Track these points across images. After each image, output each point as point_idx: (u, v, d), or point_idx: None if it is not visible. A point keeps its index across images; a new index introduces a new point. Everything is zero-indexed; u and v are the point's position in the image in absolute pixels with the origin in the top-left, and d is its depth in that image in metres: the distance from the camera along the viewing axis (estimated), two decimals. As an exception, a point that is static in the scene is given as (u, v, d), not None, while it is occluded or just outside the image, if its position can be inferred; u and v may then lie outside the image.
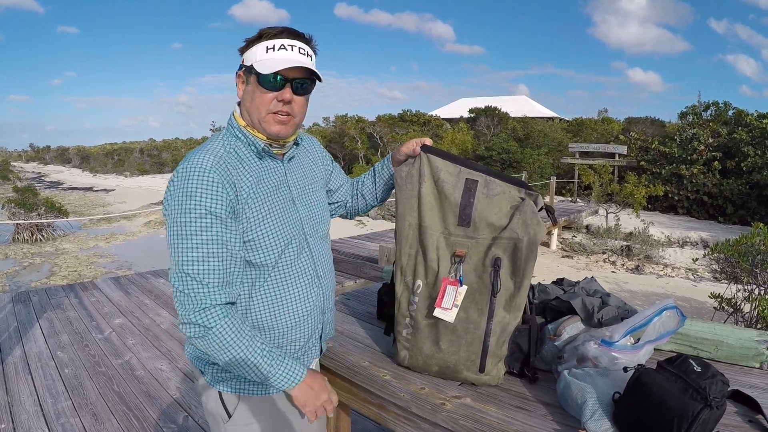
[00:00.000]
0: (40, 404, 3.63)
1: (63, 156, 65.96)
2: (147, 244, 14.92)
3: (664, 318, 1.57)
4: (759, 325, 5.85)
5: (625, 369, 1.36)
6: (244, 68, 1.48)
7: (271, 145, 1.51)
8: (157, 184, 33.28)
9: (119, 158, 50.06)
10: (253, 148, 1.49)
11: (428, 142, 1.70)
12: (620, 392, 1.35)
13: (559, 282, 2.02)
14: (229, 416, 1.54)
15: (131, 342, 4.84)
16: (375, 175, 1.90)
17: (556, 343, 1.70)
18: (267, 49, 1.43)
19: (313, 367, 1.68)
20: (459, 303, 1.60)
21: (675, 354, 1.39)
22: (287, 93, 1.44)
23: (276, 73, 1.41)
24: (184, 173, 1.35)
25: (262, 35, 1.44)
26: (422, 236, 1.65)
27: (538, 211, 1.57)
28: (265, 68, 1.41)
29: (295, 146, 1.60)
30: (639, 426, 1.27)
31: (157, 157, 46.20)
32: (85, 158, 57.10)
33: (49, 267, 11.83)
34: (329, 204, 1.87)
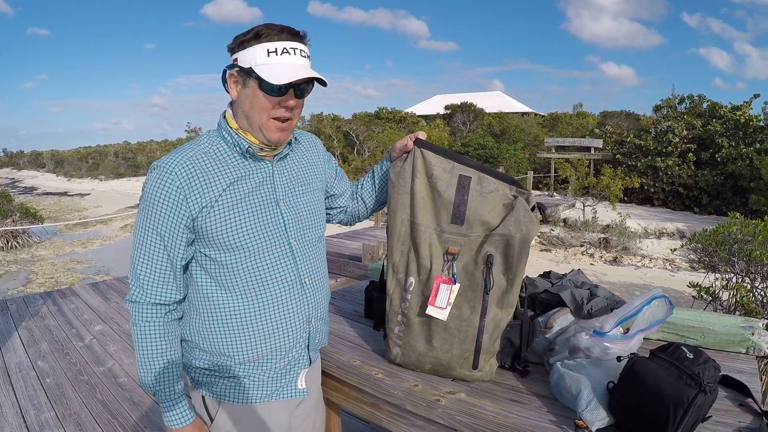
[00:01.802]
0: (22, 416, 3.55)
1: (37, 161, 64.79)
2: (124, 248, 14.68)
3: (653, 307, 1.58)
4: (738, 313, 5.94)
5: (619, 358, 1.37)
6: (239, 69, 1.40)
7: (261, 148, 1.47)
8: (132, 187, 32.86)
9: (94, 162, 49.29)
10: (237, 149, 1.45)
11: (422, 135, 1.68)
12: (614, 381, 1.36)
13: (547, 275, 2.03)
14: (211, 420, 1.53)
15: (113, 349, 4.76)
16: (374, 176, 1.86)
17: (546, 336, 1.71)
18: (268, 52, 1.36)
19: (302, 379, 1.61)
20: (452, 301, 1.59)
21: (663, 343, 1.41)
22: (291, 99, 1.41)
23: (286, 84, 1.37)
24: (152, 175, 1.38)
25: (260, 35, 1.37)
26: (414, 233, 1.64)
27: (531, 209, 1.58)
28: (272, 76, 1.34)
29: (288, 145, 1.55)
30: (635, 414, 1.28)
31: (132, 160, 45.56)
32: (59, 162, 56.11)
33: (25, 274, 11.61)
34: (331, 209, 1.84)
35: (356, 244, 9.99)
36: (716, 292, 6.11)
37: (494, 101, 39.79)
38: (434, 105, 41.60)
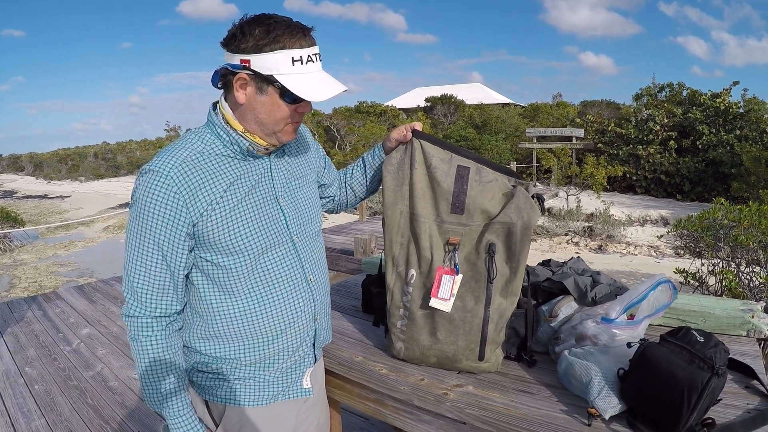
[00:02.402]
0: (12, 425, 3.47)
1: (16, 164, 63.77)
2: (108, 249, 14.53)
3: (657, 292, 1.57)
4: (724, 297, 6.01)
5: (629, 344, 1.35)
6: (254, 74, 1.29)
7: (267, 149, 1.41)
8: (113, 188, 32.50)
9: (73, 163, 48.64)
10: (235, 147, 1.37)
11: (418, 126, 1.64)
12: (624, 368, 1.35)
13: (546, 263, 2.01)
14: (216, 426, 1.48)
15: (101, 352, 4.69)
16: (365, 165, 1.81)
17: (551, 324, 1.69)
18: (293, 60, 1.27)
19: (308, 378, 1.57)
20: (456, 292, 1.56)
21: (666, 328, 1.40)
22: (309, 105, 1.36)
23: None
24: (144, 179, 1.28)
25: (278, 38, 1.26)
26: (414, 224, 1.61)
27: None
28: (307, 91, 1.28)
29: None
30: (648, 399, 1.26)
31: (112, 161, 45.05)
32: (38, 165, 55.23)
33: (8, 279, 11.41)
34: (320, 199, 1.77)
35: (342, 238, 9.96)
36: (703, 277, 6.18)
37: (474, 93, 39.84)
38: (414, 98, 41.57)
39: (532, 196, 1.57)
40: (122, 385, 4.00)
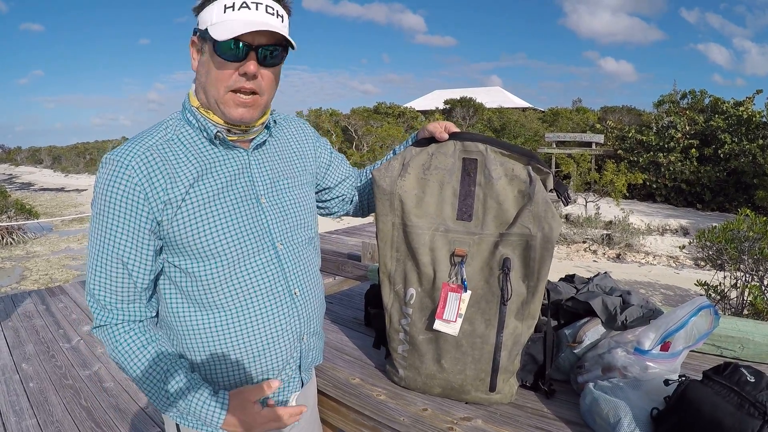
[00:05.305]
0: (2, 423, 3.36)
1: (35, 156, 64.33)
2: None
3: (698, 319, 1.37)
4: (746, 312, 5.79)
5: (666, 382, 1.16)
6: (198, 33, 1.18)
7: (229, 130, 1.22)
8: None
9: (91, 157, 48.98)
10: (204, 133, 1.22)
11: (454, 129, 1.44)
12: (658, 408, 1.16)
13: (570, 278, 1.80)
14: None
15: (100, 351, 4.54)
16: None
17: (575, 351, 1.49)
18: (225, 8, 1.13)
19: (293, 404, 1.36)
20: (463, 313, 1.36)
21: (701, 354, 1.21)
22: (251, 65, 1.14)
23: (236, 39, 1.11)
24: (103, 170, 1.14)
25: None
26: (409, 237, 1.42)
27: (548, 192, 1.36)
28: (221, 33, 1.10)
29: (266, 130, 1.31)
30: (689, 452, 1.07)
31: (130, 156, 45.25)
32: (56, 158, 55.72)
33: (19, 271, 11.39)
34: (325, 201, 1.59)
35: (355, 240, 9.65)
36: (725, 291, 5.96)
37: (493, 96, 39.47)
38: (433, 100, 41.27)
39: (551, 191, 1.38)
40: (117, 387, 3.86)
